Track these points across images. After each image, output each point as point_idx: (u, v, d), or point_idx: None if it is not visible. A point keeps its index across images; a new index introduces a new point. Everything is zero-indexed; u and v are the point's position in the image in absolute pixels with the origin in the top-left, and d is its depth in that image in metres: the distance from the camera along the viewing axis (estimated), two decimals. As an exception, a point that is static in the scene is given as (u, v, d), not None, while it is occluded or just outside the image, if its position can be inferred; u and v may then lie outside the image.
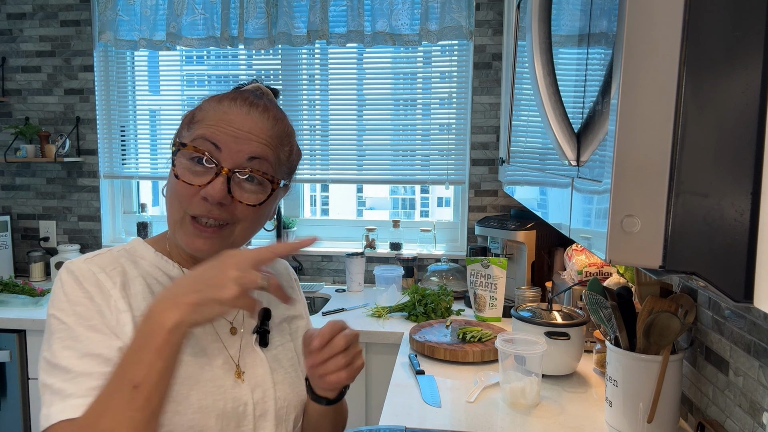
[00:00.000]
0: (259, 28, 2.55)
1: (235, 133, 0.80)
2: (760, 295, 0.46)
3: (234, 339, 0.89)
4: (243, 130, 0.80)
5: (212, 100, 0.85)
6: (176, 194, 0.81)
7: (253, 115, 0.82)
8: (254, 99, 0.84)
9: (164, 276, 0.87)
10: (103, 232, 2.82)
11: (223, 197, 0.79)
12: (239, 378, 0.86)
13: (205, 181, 0.79)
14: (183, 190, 0.80)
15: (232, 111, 0.81)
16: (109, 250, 0.87)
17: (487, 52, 2.51)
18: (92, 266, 0.81)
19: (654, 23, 0.47)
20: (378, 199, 4.98)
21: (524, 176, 1.11)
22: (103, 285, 0.79)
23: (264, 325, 0.93)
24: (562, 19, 0.78)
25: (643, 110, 0.48)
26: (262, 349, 0.91)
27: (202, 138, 0.80)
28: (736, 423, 1.11)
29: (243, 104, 0.82)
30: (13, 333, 2.16)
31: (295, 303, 1.03)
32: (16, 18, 2.75)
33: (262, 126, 0.82)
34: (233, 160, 0.80)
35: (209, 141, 0.79)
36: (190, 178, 0.79)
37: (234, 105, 0.82)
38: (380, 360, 2.01)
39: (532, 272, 2.19)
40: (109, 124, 2.81)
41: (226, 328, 0.89)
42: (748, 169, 0.47)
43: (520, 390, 1.39)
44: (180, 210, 0.81)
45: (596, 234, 0.55)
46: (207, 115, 0.82)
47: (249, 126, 0.81)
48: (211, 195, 0.78)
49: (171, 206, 0.83)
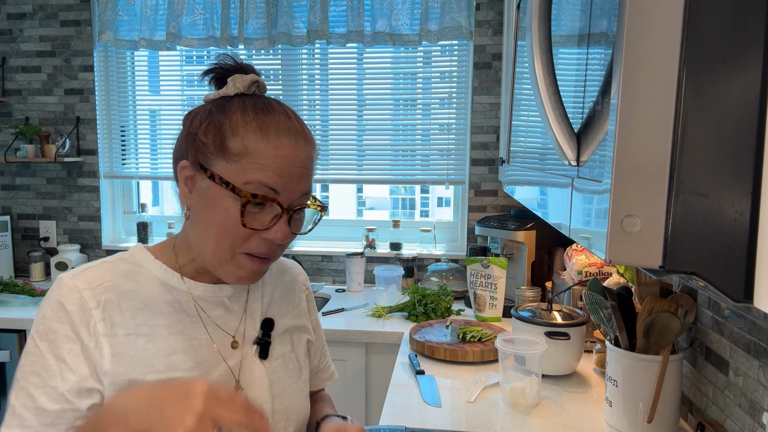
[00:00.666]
0: (259, 28, 2.55)
1: (290, 172, 0.78)
2: (760, 295, 0.46)
3: (234, 352, 0.87)
4: (296, 167, 0.79)
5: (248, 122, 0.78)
6: (230, 234, 0.78)
7: (299, 144, 0.80)
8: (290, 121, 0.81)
9: (162, 287, 0.84)
10: (103, 232, 2.82)
11: (288, 237, 0.79)
12: None
13: (266, 222, 0.78)
14: (241, 232, 0.78)
15: (283, 145, 0.78)
16: (104, 262, 0.84)
17: (487, 52, 2.51)
18: (78, 282, 0.79)
19: (654, 23, 0.47)
20: (378, 199, 4.98)
21: (524, 176, 1.11)
22: (85, 304, 0.78)
23: (265, 335, 0.91)
24: (562, 19, 0.78)
25: (643, 110, 0.48)
26: (261, 360, 0.89)
27: (259, 183, 0.76)
28: (736, 423, 1.11)
29: (289, 133, 0.79)
30: (13, 333, 2.16)
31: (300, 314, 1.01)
32: (16, 18, 2.75)
33: (307, 154, 0.81)
34: (289, 199, 0.79)
35: (268, 187, 0.77)
36: (252, 223, 0.77)
37: (281, 134, 0.78)
38: (380, 360, 2.01)
39: (532, 272, 2.19)
40: (109, 124, 2.81)
41: (227, 341, 0.87)
42: (748, 169, 0.47)
43: (520, 390, 1.39)
44: (231, 248, 0.79)
45: (596, 234, 0.55)
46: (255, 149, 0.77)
47: (301, 160, 0.79)
48: (279, 238, 0.78)
49: (219, 243, 0.79)
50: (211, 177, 0.78)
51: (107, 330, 0.78)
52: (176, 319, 0.83)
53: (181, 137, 0.84)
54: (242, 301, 0.91)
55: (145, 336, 0.79)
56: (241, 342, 0.88)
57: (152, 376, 0.78)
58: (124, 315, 0.79)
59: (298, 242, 2.78)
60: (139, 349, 0.79)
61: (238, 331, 0.89)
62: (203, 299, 0.86)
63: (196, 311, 0.85)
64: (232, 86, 0.82)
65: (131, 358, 0.78)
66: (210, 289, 0.87)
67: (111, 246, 2.82)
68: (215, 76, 0.85)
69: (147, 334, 0.80)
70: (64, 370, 0.76)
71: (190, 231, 0.83)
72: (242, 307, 0.90)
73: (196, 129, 0.80)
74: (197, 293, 0.86)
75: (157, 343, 0.80)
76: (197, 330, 0.84)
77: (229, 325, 0.88)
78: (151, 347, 0.79)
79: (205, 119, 0.80)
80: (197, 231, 0.81)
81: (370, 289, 2.57)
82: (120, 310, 0.79)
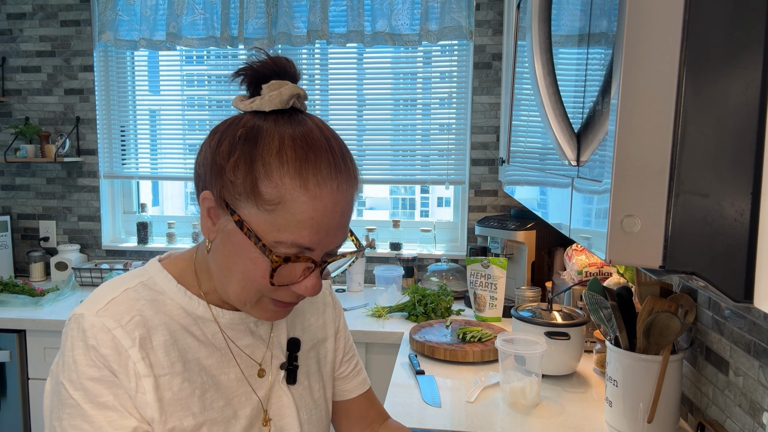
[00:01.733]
0: (259, 28, 2.55)
1: (328, 226, 0.69)
2: (760, 295, 0.46)
3: (262, 381, 0.82)
4: (335, 219, 0.69)
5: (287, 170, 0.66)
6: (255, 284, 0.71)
7: (341, 190, 0.69)
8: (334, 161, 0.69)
9: (188, 317, 0.77)
10: (103, 232, 2.82)
11: (320, 290, 0.73)
12: (266, 426, 0.82)
13: (296, 276, 0.71)
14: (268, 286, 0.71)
15: (323, 195, 0.67)
16: (125, 290, 0.75)
17: (487, 52, 2.51)
18: (107, 321, 0.70)
19: (654, 23, 0.47)
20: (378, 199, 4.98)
21: (524, 176, 1.11)
22: (119, 345, 0.70)
23: (292, 359, 0.86)
24: (562, 19, 0.78)
25: (643, 110, 0.48)
26: (289, 386, 0.84)
27: (293, 244, 0.68)
28: (736, 423, 1.11)
29: (331, 176, 0.68)
30: (13, 333, 2.16)
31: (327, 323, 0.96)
32: (16, 18, 2.75)
33: (349, 199, 0.71)
34: (324, 251, 0.72)
35: (304, 247, 0.69)
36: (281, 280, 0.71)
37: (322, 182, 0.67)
38: (380, 360, 2.01)
39: (532, 272, 2.19)
40: (109, 124, 2.81)
41: (254, 371, 0.82)
42: (748, 169, 0.47)
43: (520, 390, 1.39)
44: (257, 294, 0.73)
45: (596, 234, 0.55)
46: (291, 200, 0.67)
47: (341, 208, 0.70)
48: (311, 293, 0.72)
49: (244, 288, 0.72)
50: (238, 223, 0.68)
51: (147, 371, 0.71)
52: (206, 353, 0.77)
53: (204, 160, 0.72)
54: (268, 324, 0.86)
55: (179, 375, 0.73)
56: (268, 369, 0.84)
57: (189, 422, 0.73)
58: (158, 353, 0.72)
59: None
60: (176, 390, 0.73)
61: (264, 358, 0.84)
62: (230, 327, 0.80)
63: (225, 342, 0.79)
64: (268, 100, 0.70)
65: (170, 402, 0.72)
66: (237, 317, 0.81)
67: (111, 246, 2.82)
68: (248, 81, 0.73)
69: (181, 372, 0.74)
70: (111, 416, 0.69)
71: (212, 265, 0.75)
72: (268, 331, 0.86)
73: (223, 161, 0.69)
74: (223, 321, 0.80)
75: (192, 382, 0.74)
76: (227, 362, 0.79)
77: (256, 353, 0.83)
78: (187, 387, 0.74)
79: (233, 150, 0.68)
80: (220, 270, 0.74)
81: (370, 289, 2.57)
82: (153, 348, 0.72)
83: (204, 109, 2.79)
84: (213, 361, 0.77)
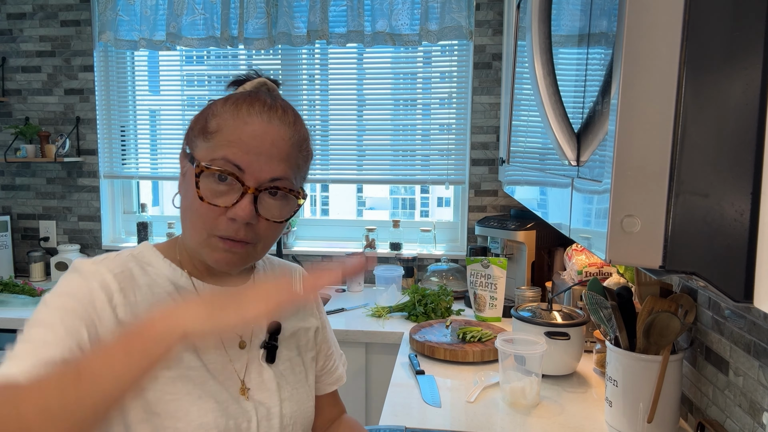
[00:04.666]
0: (259, 28, 2.55)
1: (258, 149, 0.77)
2: (760, 295, 0.46)
3: (241, 353, 0.87)
4: (265, 144, 0.77)
5: (227, 103, 0.80)
6: (200, 215, 0.78)
7: (273, 123, 0.79)
8: (272, 102, 0.81)
9: (171, 285, 0.84)
10: (103, 232, 2.82)
11: (252, 217, 0.77)
12: (243, 395, 0.84)
13: (231, 201, 0.77)
14: (208, 212, 0.77)
15: (252, 120, 0.78)
16: (118, 254, 0.84)
17: (487, 52, 2.51)
18: (100, 267, 0.79)
19: (654, 23, 0.47)
20: (378, 199, 4.99)
21: (524, 176, 1.11)
22: (108, 286, 0.77)
23: (273, 339, 0.90)
24: (562, 19, 0.78)
25: (643, 110, 0.48)
26: (269, 364, 0.88)
27: (224, 159, 0.76)
28: (736, 423, 1.11)
29: (262, 110, 0.79)
30: (13, 333, 2.16)
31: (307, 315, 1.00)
32: (16, 18, 2.75)
33: (283, 134, 0.79)
34: (257, 179, 0.77)
35: (232, 163, 0.76)
36: (215, 200, 0.77)
37: (253, 111, 0.78)
38: (380, 360, 2.01)
39: (532, 272, 2.19)
40: (109, 124, 2.81)
41: (235, 342, 0.87)
42: (748, 169, 0.47)
43: (520, 390, 1.39)
44: (204, 231, 0.79)
45: (596, 234, 0.55)
46: (225, 126, 0.78)
47: (271, 137, 0.78)
48: (240, 216, 0.76)
49: (194, 227, 0.79)
50: (188, 156, 0.80)
51: (126, 316, 0.77)
52: None
53: None
54: None
55: None
56: (248, 343, 0.88)
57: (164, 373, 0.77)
58: (140, 306, 0.79)
59: (297, 242, 2.79)
60: None
61: (245, 333, 0.88)
62: None
63: None
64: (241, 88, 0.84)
65: None
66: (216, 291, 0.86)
67: (111, 246, 2.82)
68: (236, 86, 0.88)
69: None
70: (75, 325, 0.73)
71: (181, 219, 0.84)
72: None
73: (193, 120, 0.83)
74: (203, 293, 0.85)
75: None
76: None
77: None
78: None
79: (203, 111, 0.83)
80: (182, 217, 0.82)
81: (370, 289, 2.57)
82: (136, 301, 0.79)
83: (204, 109, 2.79)
84: None
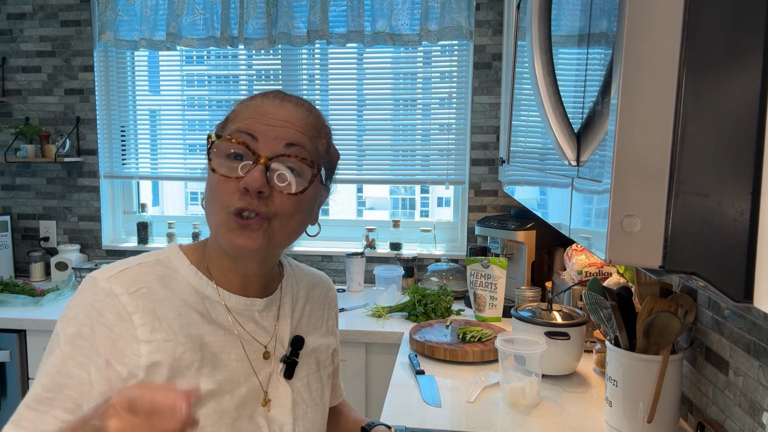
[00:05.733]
0: (259, 28, 2.54)
1: (271, 122, 0.78)
2: (760, 295, 0.46)
3: (265, 364, 0.85)
4: (278, 119, 0.79)
5: (243, 100, 0.84)
6: (215, 192, 0.77)
7: (286, 106, 0.81)
8: (285, 93, 0.84)
9: (196, 296, 0.81)
10: (103, 232, 2.82)
11: (263, 185, 0.74)
12: (265, 406, 0.84)
13: (244, 172, 0.76)
14: (222, 185, 0.76)
15: (266, 104, 0.80)
16: (140, 263, 0.81)
17: (487, 52, 2.51)
18: (115, 287, 0.76)
19: (654, 23, 0.47)
20: (378, 199, 4.98)
21: (524, 176, 1.11)
22: (123, 310, 0.75)
23: (294, 354, 0.88)
24: (562, 19, 0.78)
25: (643, 110, 0.48)
26: (286, 380, 0.87)
27: (237, 131, 0.78)
28: (736, 423, 1.11)
29: (276, 97, 0.82)
30: (13, 333, 2.16)
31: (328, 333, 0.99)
32: (16, 18, 2.75)
33: (296, 115, 0.81)
34: (270, 149, 0.77)
35: (244, 132, 0.77)
36: (227, 171, 0.76)
37: (267, 98, 0.82)
38: (380, 360, 2.01)
39: (532, 272, 2.19)
40: (109, 124, 2.81)
41: (260, 352, 0.85)
42: (748, 169, 0.47)
43: (520, 390, 1.39)
44: (222, 210, 0.77)
45: (596, 234, 0.55)
46: (240, 112, 0.81)
47: (284, 115, 0.80)
48: (250, 184, 0.74)
49: (212, 208, 0.78)
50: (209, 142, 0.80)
51: (148, 336, 0.75)
52: (210, 329, 0.80)
53: None
54: (272, 316, 0.88)
55: (181, 345, 0.77)
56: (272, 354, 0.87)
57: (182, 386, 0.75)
58: (162, 322, 0.77)
59: (298, 242, 2.78)
60: (177, 356, 0.76)
61: (270, 343, 0.87)
62: (235, 311, 0.84)
63: (231, 324, 0.83)
64: None
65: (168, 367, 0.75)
66: (242, 302, 0.85)
67: (111, 246, 2.82)
68: None
69: (183, 343, 0.77)
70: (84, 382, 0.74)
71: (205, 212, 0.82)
72: (272, 323, 0.88)
73: None
74: (230, 304, 0.84)
75: (192, 353, 0.78)
76: (230, 342, 0.82)
77: (261, 338, 0.86)
78: (187, 357, 0.77)
79: None
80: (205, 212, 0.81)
81: (370, 289, 2.57)
82: (157, 318, 0.77)
83: (204, 109, 2.79)
84: (215, 339, 0.80)
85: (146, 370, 0.74)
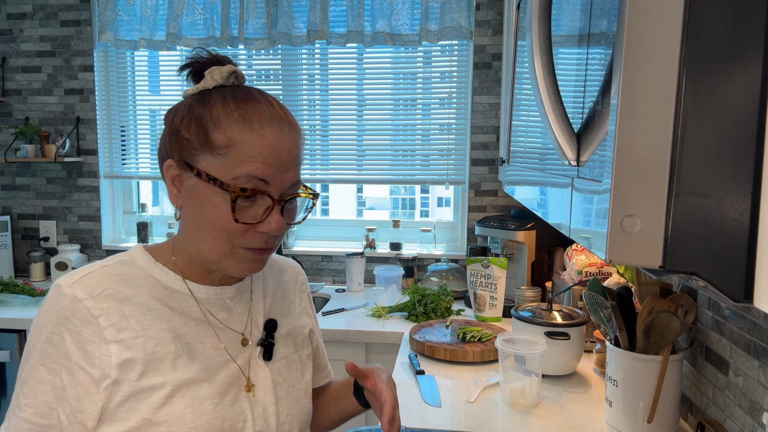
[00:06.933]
0: (259, 28, 2.55)
1: (278, 161, 0.77)
2: (760, 295, 0.46)
3: (243, 350, 0.87)
4: (284, 155, 0.78)
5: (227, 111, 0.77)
6: (226, 231, 0.77)
7: (284, 131, 0.79)
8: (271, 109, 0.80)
9: (164, 290, 0.83)
10: (103, 232, 2.82)
11: (283, 227, 0.79)
12: (250, 392, 0.85)
13: (259, 215, 0.77)
14: (235, 228, 0.77)
15: (267, 132, 0.77)
16: (104, 266, 0.82)
17: (487, 52, 2.51)
18: (78, 292, 0.77)
19: (654, 23, 0.47)
20: (378, 199, 4.98)
21: (524, 176, 1.11)
22: (88, 314, 0.76)
23: (269, 336, 0.90)
24: (562, 19, 0.78)
25: (643, 110, 0.48)
26: (265, 362, 0.88)
27: (248, 176, 0.76)
28: (736, 423, 1.11)
29: (273, 119, 0.78)
30: (13, 333, 2.16)
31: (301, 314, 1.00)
32: (16, 18, 2.75)
33: (293, 140, 0.80)
34: (280, 190, 0.79)
35: (257, 178, 0.76)
36: (245, 218, 0.77)
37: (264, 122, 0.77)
38: (380, 360, 2.01)
39: (532, 272, 2.19)
40: (109, 124, 2.81)
41: (237, 339, 0.87)
42: (748, 169, 0.47)
43: (520, 390, 1.39)
44: (229, 243, 0.78)
45: (596, 234, 0.55)
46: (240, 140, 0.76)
47: (287, 147, 0.79)
48: (274, 230, 0.78)
49: (216, 241, 0.78)
50: (198, 174, 0.77)
51: (115, 335, 0.76)
52: (181, 321, 0.81)
53: (164, 136, 0.82)
54: (245, 302, 0.90)
55: (152, 339, 0.78)
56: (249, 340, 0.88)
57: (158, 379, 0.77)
58: (129, 321, 0.78)
59: (298, 242, 2.79)
60: (149, 351, 0.77)
61: (246, 329, 0.89)
62: (206, 302, 0.85)
63: (203, 314, 0.84)
64: (210, 79, 0.80)
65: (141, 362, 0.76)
66: (213, 292, 0.86)
67: (111, 246, 2.82)
68: (192, 71, 0.84)
69: (154, 337, 0.78)
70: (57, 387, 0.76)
71: (184, 230, 0.83)
72: (245, 309, 0.90)
73: (178, 126, 0.79)
74: (200, 296, 0.85)
75: (164, 346, 0.78)
76: (203, 332, 0.83)
77: (236, 325, 0.87)
78: (159, 351, 0.78)
79: (186, 115, 0.79)
80: (190, 230, 0.81)
81: (370, 289, 2.57)
82: (125, 317, 0.77)
83: (204, 109, 2.79)
84: (188, 330, 0.82)
85: (118, 368, 0.75)
